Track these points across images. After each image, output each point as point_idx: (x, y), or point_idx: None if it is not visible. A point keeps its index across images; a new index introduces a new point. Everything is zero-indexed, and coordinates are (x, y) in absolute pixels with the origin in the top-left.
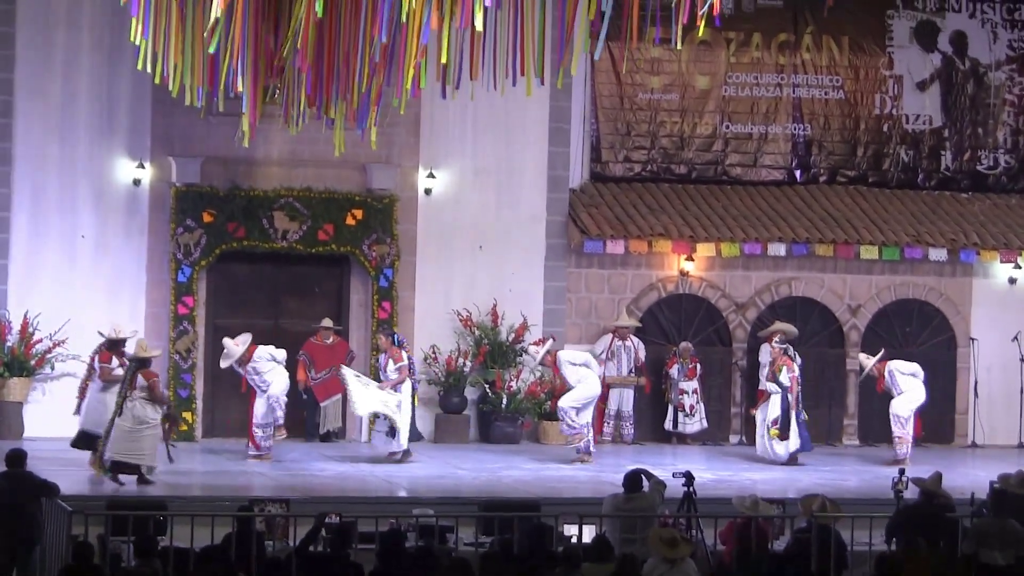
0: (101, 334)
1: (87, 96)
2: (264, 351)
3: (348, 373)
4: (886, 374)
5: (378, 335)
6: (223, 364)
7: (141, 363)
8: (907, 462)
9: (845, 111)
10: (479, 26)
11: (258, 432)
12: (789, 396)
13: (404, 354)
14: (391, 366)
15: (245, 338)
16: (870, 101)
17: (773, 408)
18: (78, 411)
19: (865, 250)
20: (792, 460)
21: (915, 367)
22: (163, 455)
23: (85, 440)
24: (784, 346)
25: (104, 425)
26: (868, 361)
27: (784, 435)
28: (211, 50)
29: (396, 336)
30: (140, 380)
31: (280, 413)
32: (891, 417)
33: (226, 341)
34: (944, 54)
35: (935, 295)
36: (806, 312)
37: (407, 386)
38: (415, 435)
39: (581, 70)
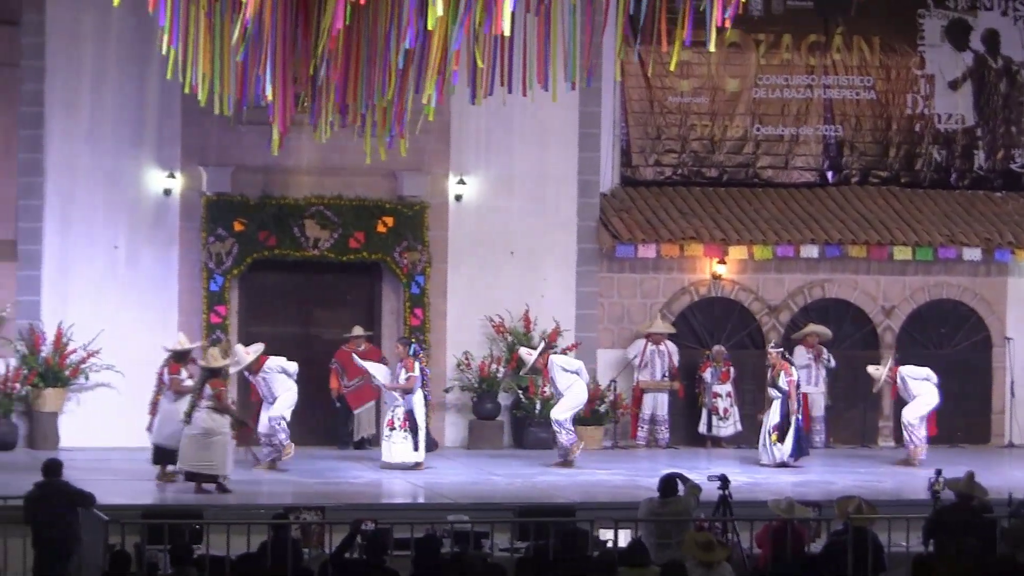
0: (166, 348)
1: (117, 107)
2: (276, 362)
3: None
4: (898, 380)
5: (397, 343)
6: (232, 370)
7: (213, 372)
8: (917, 464)
9: (876, 111)
10: (506, 30)
11: (261, 441)
12: (789, 401)
13: (417, 364)
14: (403, 375)
15: (257, 347)
16: (902, 101)
17: (774, 413)
18: (150, 427)
19: (899, 251)
20: (790, 464)
21: (926, 371)
22: (250, 460)
23: (162, 454)
24: (780, 350)
25: (178, 437)
26: (878, 372)
27: (782, 439)
28: (238, 58)
29: (413, 346)
30: (207, 390)
31: (283, 436)
32: (902, 423)
33: (238, 347)
34: (976, 53)
35: (970, 295)
36: (839, 314)
37: (419, 397)
38: (429, 445)
39: (610, 74)
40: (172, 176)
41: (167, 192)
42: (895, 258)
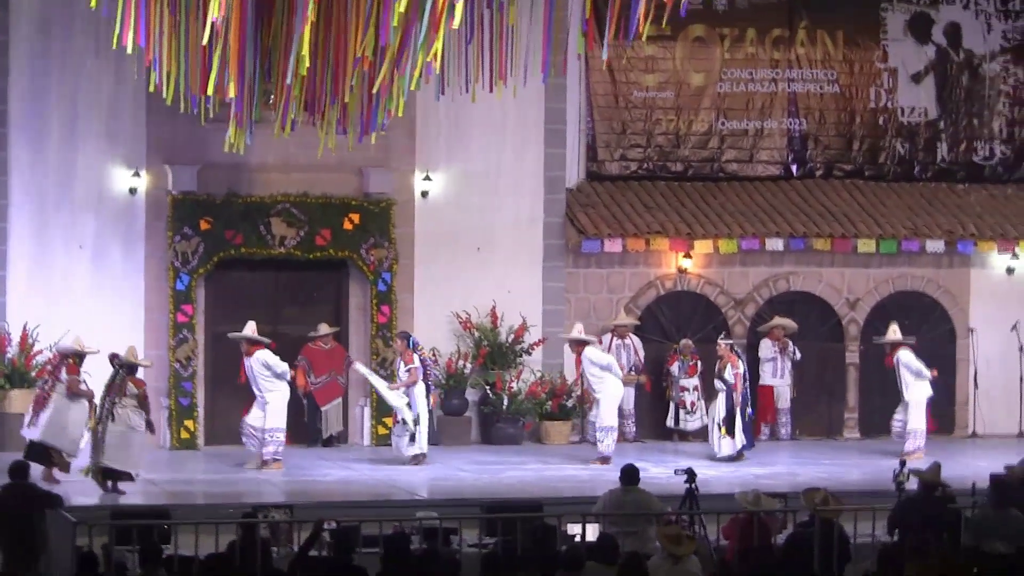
0: (66, 348)
1: (82, 105)
2: (264, 356)
3: (363, 367)
4: (895, 359)
5: (394, 339)
6: (230, 335)
7: (131, 370)
8: (915, 455)
9: (840, 105)
10: (456, 22)
11: (250, 433)
12: (734, 394)
13: (416, 356)
14: (401, 368)
15: (252, 326)
16: (865, 94)
17: (720, 406)
18: (33, 424)
19: (862, 243)
20: (737, 456)
21: (920, 366)
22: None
23: (38, 452)
24: (730, 343)
25: (62, 438)
26: (894, 335)
27: (730, 432)
28: (215, 59)
29: (411, 339)
30: (131, 388)
31: (272, 449)
32: (906, 428)
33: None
34: (938, 46)
35: (933, 287)
36: (805, 307)
37: (420, 388)
38: (433, 437)
39: (575, 70)
40: (138, 175)
41: (132, 191)
42: (859, 251)
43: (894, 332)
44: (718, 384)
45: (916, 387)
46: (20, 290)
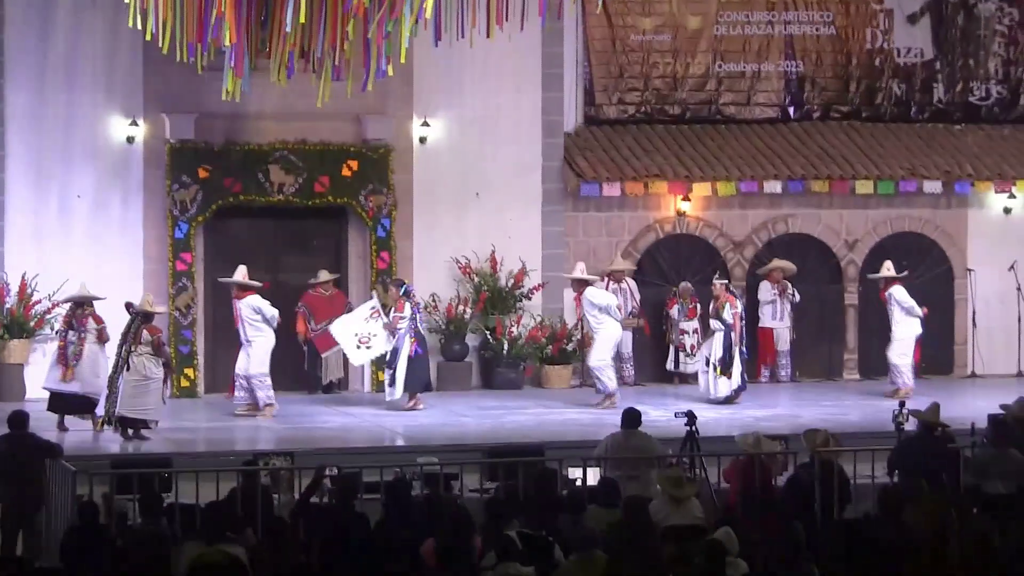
0: (78, 296)
1: (78, 54)
2: (254, 300)
3: (337, 329)
4: (887, 295)
5: (389, 286)
6: (220, 279)
7: (146, 318)
8: (906, 392)
9: (837, 47)
10: None
11: (240, 384)
12: (732, 333)
13: (408, 305)
14: (393, 313)
15: (242, 270)
16: (861, 36)
17: (717, 346)
18: (73, 376)
19: (860, 185)
20: (732, 399)
21: (912, 303)
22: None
23: (77, 403)
24: (725, 282)
25: (95, 385)
26: (888, 271)
27: (727, 372)
28: (223, 8)
29: (405, 286)
30: (145, 335)
31: (263, 394)
32: (889, 362)
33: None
34: None
35: (931, 227)
36: (803, 249)
37: (407, 339)
38: (427, 385)
39: (571, 14)
40: (135, 124)
41: (130, 140)
42: (857, 192)
43: (888, 268)
44: (715, 324)
45: (905, 324)
46: (18, 240)
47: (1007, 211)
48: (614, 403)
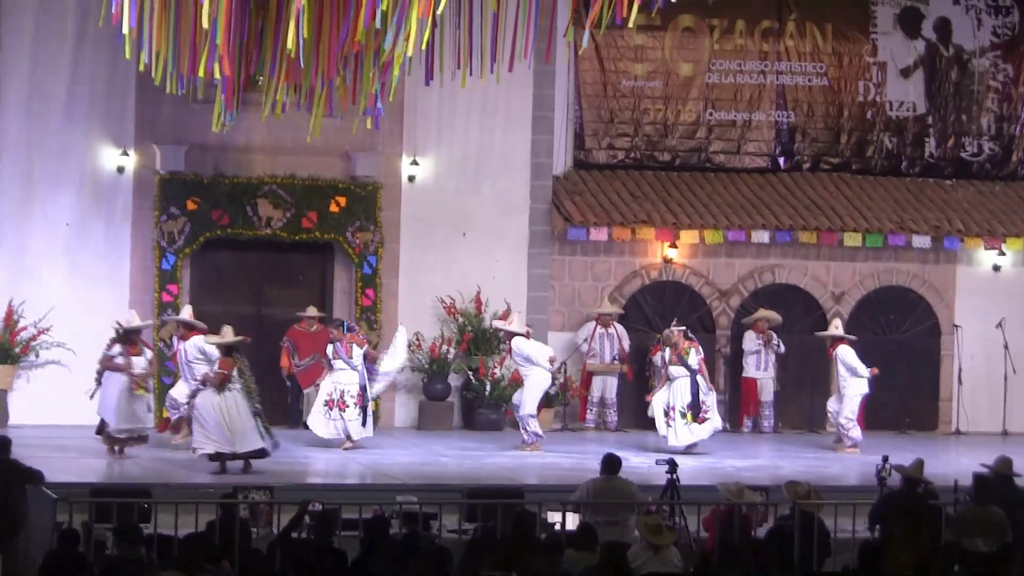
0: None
1: (71, 83)
2: (199, 342)
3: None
4: (834, 354)
5: (329, 328)
6: (165, 318)
7: (229, 351)
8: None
9: (829, 98)
10: (440, 8)
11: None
12: (700, 378)
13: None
14: (356, 351)
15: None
16: (853, 88)
17: (684, 393)
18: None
19: (849, 237)
20: (693, 446)
21: (856, 364)
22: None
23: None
24: (683, 329)
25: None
26: (836, 330)
27: (696, 418)
28: (218, 41)
29: (344, 323)
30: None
31: (178, 413)
32: (832, 418)
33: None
34: (928, 41)
35: (919, 282)
36: (789, 299)
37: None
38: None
39: (564, 57)
40: (126, 154)
41: (120, 170)
42: (845, 244)
43: (835, 327)
44: (678, 371)
45: (853, 383)
46: (6, 266)
47: (996, 268)
48: (538, 448)
